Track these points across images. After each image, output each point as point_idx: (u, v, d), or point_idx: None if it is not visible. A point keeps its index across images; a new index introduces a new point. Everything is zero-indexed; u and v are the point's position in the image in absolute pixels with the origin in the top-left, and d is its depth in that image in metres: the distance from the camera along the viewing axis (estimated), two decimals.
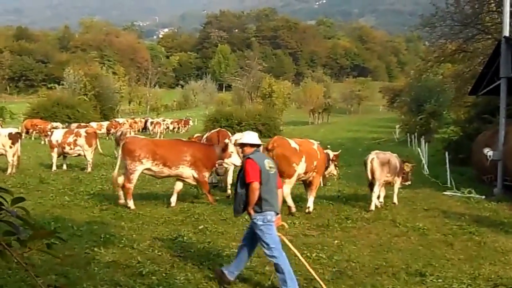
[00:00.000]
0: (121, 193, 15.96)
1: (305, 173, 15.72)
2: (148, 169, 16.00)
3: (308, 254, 10.66)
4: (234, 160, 16.72)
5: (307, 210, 15.56)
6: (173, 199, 16.21)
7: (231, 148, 16.64)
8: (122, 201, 15.82)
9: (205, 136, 22.42)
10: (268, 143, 15.27)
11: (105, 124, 53.32)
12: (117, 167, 16.43)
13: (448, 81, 51.59)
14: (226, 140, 18.36)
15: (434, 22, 37.51)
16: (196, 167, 16.28)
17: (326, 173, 17.49)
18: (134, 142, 16.26)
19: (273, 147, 14.99)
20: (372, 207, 15.97)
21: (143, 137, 18.68)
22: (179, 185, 16.59)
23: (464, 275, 9.70)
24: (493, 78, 22.20)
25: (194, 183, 16.79)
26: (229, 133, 22.33)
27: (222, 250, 10.84)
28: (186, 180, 16.50)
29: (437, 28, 37.80)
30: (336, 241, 11.88)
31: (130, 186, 15.81)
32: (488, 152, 19.64)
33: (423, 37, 48.91)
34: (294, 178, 15.42)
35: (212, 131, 23.22)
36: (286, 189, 14.71)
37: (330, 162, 17.47)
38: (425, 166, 26.71)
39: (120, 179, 15.91)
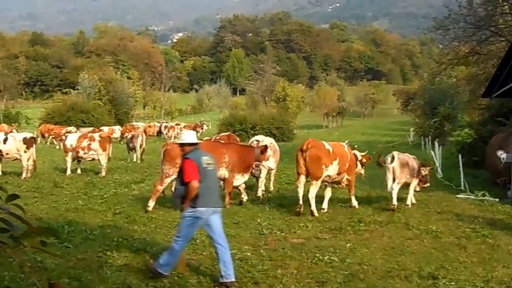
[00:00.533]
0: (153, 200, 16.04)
1: (338, 174, 16.32)
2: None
3: (321, 257, 10.67)
4: (270, 163, 17.36)
5: (354, 206, 16.69)
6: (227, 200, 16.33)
7: (269, 151, 17.23)
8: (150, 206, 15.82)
9: (213, 139, 22.33)
10: (303, 144, 15.92)
11: (117, 128, 53.39)
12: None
13: (462, 83, 51.41)
14: (268, 142, 19.23)
15: (447, 25, 37.42)
16: (231, 168, 16.56)
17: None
18: (175, 149, 15.47)
19: (307, 148, 15.61)
20: (394, 202, 16.39)
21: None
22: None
23: (477, 278, 9.66)
24: (506, 80, 22.10)
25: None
26: (236, 137, 22.95)
27: (235, 253, 10.79)
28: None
29: (450, 30, 37.73)
30: (348, 244, 11.87)
31: (160, 188, 16.17)
32: (502, 154, 19.54)
33: (436, 40, 48.78)
34: (320, 181, 15.90)
35: (221, 134, 23.80)
36: (312, 192, 15.56)
37: (358, 162, 17.85)
38: (439, 169, 26.58)
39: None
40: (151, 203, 15.78)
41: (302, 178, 15.79)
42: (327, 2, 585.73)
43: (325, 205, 16.30)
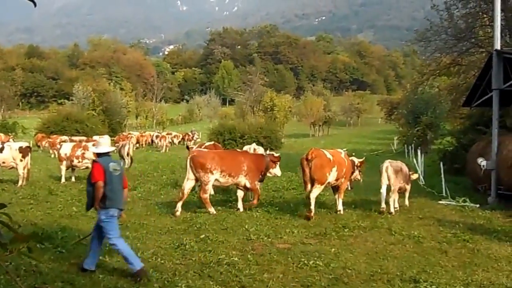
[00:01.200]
0: (179, 204, 16.50)
1: (336, 179, 17.07)
2: (216, 179, 16.88)
3: (306, 261, 10.65)
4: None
5: (338, 212, 16.91)
6: (240, 205, 17.25)
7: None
8: (178, 213, 16.20)
9: (196, 147, 23.01)
10: (307, 153, 16.45)
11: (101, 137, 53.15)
12: (186, 179, 16.92)
13: (443, 93, 51.53)
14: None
15: (429, 37, 37.55)
16: (249, 176, 17.30)
17: (352, 177, 19.43)
18: (203, 155, 17.20)
19: (312, 157, 16.27)
20: (392, 210, 17.04)
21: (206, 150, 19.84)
22: (241, 193, 17.58)
23: (457, 282, 9.66)
24: (486, 90, 22.22)
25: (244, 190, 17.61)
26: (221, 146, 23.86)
27: (223, 258, 10.81)
28: (240, 187, 17.47)
29: (432, 42, 37.84)
30: (333, 249, 11.85)
31: (206, 196, 16.69)
32: (482, 162, 19.60)
33: (419, 51, 48.93)
34: (324, 185, 16.65)
35: (207, 143, 24.15)
36: (314, 194, 16.23)
37: (355, 168, 19.43)
38: (421, 177, 26.63)
39: (186, 190, 16.77)
40: (211, 209, 16.45)
41: (309, 186, 16.35)
42: (313, 15, 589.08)
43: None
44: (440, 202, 19.53)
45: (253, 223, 14.63)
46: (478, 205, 18.48)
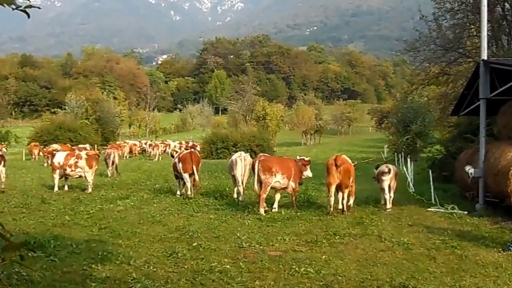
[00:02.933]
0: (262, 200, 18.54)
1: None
2: (277, 181, 18.77)
3: (297, 268, 10.66)
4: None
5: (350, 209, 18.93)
6: (276, 205, 19.16)
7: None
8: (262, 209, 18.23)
9: (176, 156, 24.32)
10: (336, 159, 18.24)
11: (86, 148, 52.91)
12: (255, 181, 18.60)
13: (432, 102, 51.75)
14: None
15: (418, 47, 37.83)
16: (294, 178, 19.29)
17: None
18: (269, 160, 19.45)
19: (341, 163, 18.19)
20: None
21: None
22: (278, 196, 19.66)
23: (445, 287, 9.70)
24: (473, 99, 22.33)
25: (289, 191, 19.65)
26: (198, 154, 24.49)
27: (215, 266, 10.80)
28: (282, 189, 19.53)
29: (421, 52, 38.15)
30: (324, 256, 11.86)
31: (264, 196, 18.49)
32: (470, 169, 19.66)
33: (408, 61, 49.17)
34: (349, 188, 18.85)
35: (185, 151, 24.57)
36: (346, 197, 18.68)
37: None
38: (411, 184, 26.70)
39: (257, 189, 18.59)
40: (262, 210, 18.12)
41: (333, 188, 18.11)
42: (305, 25, 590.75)
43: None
44: (429, 209, 19.57)
45: (245, 231, 14.64)
46: (466, 212, 18.54)
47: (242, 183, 21.45)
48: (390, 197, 19.92)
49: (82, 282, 9.62)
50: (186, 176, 22.35)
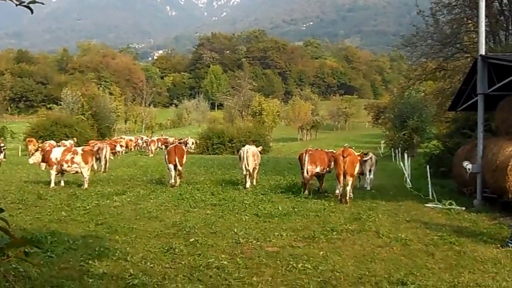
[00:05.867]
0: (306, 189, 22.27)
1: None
2: (317, 172, 22.81)
3: (295, 264, 10.63)
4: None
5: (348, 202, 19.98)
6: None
7: None
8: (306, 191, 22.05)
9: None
10: (343, 152, 20.40)
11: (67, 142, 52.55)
12: (305, 169, 22.23)
13: (429, 98, 51.74)
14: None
15: (415, 42, 37.75)
16: (326, 169, 23.36)
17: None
18: (315, 153, 23.02)
19: (347, 155, 20.26)
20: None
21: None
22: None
23: (444, 284, 9.67)
24: (471, 94, 22.32)
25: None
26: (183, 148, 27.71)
27: (212, 262, 10.76)
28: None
29: (418, 47, 38.06)
30: (321, 252, 11.83)
31: (309, 180, 22.63)
32: (468, 165, 19.67)
33: (405, 56, 49.11)
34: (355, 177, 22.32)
35: (170, 146, 29.25)
36: (351, 185, 20.75)
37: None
38: (408, 180, 26.73)
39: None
40: (306, 192, 22.03)
41: (342, 178, 20.24)
42: (301, 20, 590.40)
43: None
44: (427, 205, 19.57)
45: (242, 227, 14.61)
46: (464, 208, 18.54)
47: (249, 172, 24.52)
48: (371, 179, 25.22)
49: (79, 278, 9.57)
50: (170, 166, 25.02)
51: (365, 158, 25.08)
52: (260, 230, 14.36)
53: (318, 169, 22.44)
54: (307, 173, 22.21)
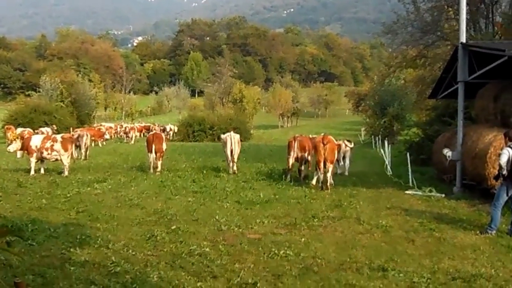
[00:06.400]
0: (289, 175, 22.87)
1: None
2: (306, 158, 23.22)
3: (276, 251, 10.68)
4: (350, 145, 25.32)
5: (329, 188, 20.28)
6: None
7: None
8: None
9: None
10: (323, 139, 20.68)
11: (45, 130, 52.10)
12: (292, 158, 22.94)
13: (410, 85, 52.04)
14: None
15: (396, 29, 37.82)
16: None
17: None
18: (304, 139, 23.55)
19: (327, 142, 20.50)
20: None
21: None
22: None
23: (424, 270, 9.77)
24: (451, 82, 22.48)
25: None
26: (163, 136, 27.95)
27: (194, 249, 10.78)
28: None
29: (398, 35, 38.14)
30: (303, 239, 11.91)
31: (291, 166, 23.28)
32: (447, 152, 19.84)
33: (386, 44, 49.22)
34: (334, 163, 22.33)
35: (150, 133, 30.38)
36: (331, 172, 21.12)
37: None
38: (388, 167, 26.89)
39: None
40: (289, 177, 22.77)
41: (322, 164, 20.37)
42: (281, 7, 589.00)
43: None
44: (407, 192, 19.74)
45: (224, 214, 14.65)
46: (443, 195, 18.72)
47: (233, 158, 25.20)
48: (348, 164, 26.06)
49: (61, 266, 9.54)
50: (150, 154, 25.56)
51: (350, 146, 25.83)
52: (242, 217, 14.41)
53: (306, 155, 22.95)
54: (297, 159, 22.92)
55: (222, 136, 27.06)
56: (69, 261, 9.86)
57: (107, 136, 49.00)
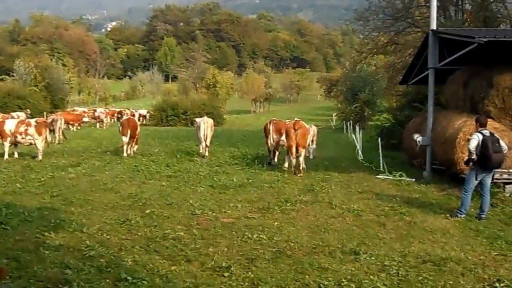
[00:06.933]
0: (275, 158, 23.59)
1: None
2: (282, 140, 22.30)
3: (250, 235, 10.66)
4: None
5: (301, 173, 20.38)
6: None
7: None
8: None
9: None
10: (294, 124, 20.54)
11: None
12: (271, 138, 23.15)
13: (381, 71, 52.18)
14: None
15: (367, 16, 37.88)
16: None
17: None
18: (278, 123, 23.49)
19: (298, 127, 20.45)
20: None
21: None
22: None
23: (395, 253, 9.80)
24: (422, 68, 22.57)
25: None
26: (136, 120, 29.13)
27: (168, 233, 10.72)
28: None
29: (370, 21, 38.23)
30: (276, 223, 11.91)
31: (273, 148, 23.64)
32: (418, 137, 19.92)
33: (357, 30, 49.28)
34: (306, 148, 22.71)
35: (123, 118, 30.07)
36: (303, 156, 20.98)
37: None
38: (360, 152, 26.96)
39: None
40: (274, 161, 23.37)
41: (294, 149, 20.41)
42: None
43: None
44: (378, 176, 19.82)
45: (198, 198, 14.61)
46: (414, 179, 18.83)
47: (206, 142, 25.46)
48: (313, 148, 27.00)
49: (35, 250, 9.45)
50: (123, 138, 25.65)
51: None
52: (216, 201, 14.38)
53: (282, 138, 22.55)
54: (273, 141, 23.07)
55: (197, 119, 27.25)
56: (44, 245, 9.76)
57: (86, 119, 48.84)
